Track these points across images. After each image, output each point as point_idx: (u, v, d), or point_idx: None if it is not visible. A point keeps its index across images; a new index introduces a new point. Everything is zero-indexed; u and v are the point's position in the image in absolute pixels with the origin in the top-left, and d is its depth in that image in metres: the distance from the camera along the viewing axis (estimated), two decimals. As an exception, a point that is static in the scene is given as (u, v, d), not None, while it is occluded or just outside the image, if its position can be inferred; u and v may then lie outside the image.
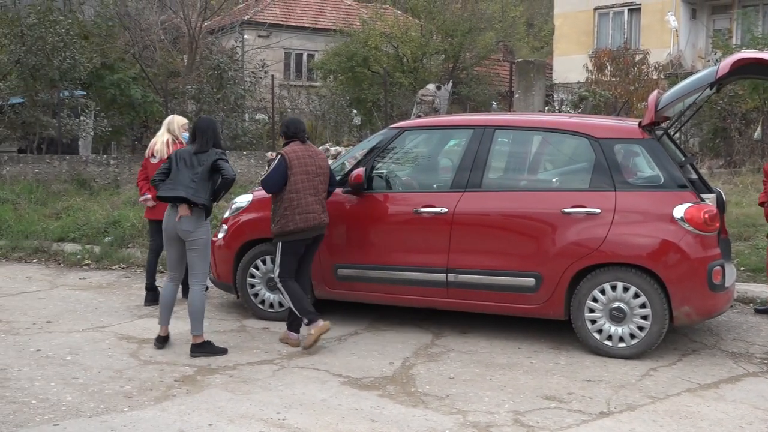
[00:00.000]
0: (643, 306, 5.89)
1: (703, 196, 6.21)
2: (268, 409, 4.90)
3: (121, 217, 10.90)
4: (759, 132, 15.39)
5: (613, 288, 5.96)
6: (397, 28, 22.48)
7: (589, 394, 5.21)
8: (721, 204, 6.74)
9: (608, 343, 5.99)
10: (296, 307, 6.14)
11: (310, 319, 6.09)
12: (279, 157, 6.17)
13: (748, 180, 12.66)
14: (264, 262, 6.94)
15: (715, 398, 5.17)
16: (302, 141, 6.28)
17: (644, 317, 5.89)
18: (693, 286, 5.84)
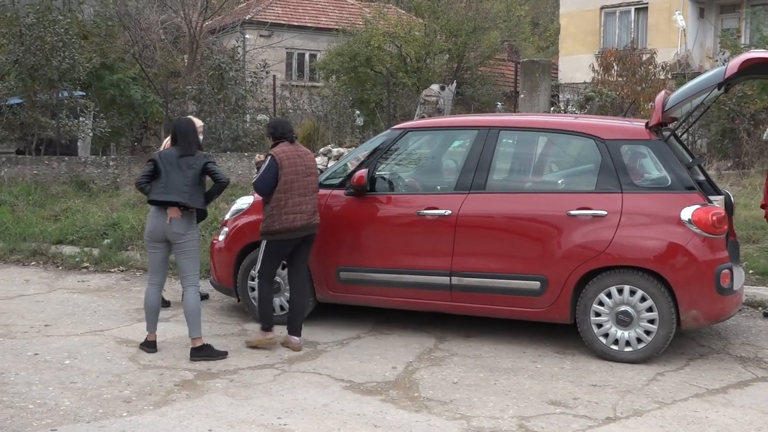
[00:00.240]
0: (650, 310, 5.81)
1: (711, 198, 6.14)
2: (268, 414, 4.84)
3: (121, 220, 10.83)
4: (768, 133, 15.28)
5: (620, 291, 5.89)
6: (400, 27, 22.39)
7: (595, 399, 5.14)
8: (730, 206, 6.67)
9: (614, 347, 5.92)
10: (259, 310, 6.27)
11: (264, 328, 6.24)
12: (269, 158, 6.12)
13: (757, 182, 12.56)
14: (265, 264, 6.87)
15: (723, 403, 5.10)
16: (290, 141, 6.24)
17: (651, 321, 5.82)
18: (701, 289, 5.78)
